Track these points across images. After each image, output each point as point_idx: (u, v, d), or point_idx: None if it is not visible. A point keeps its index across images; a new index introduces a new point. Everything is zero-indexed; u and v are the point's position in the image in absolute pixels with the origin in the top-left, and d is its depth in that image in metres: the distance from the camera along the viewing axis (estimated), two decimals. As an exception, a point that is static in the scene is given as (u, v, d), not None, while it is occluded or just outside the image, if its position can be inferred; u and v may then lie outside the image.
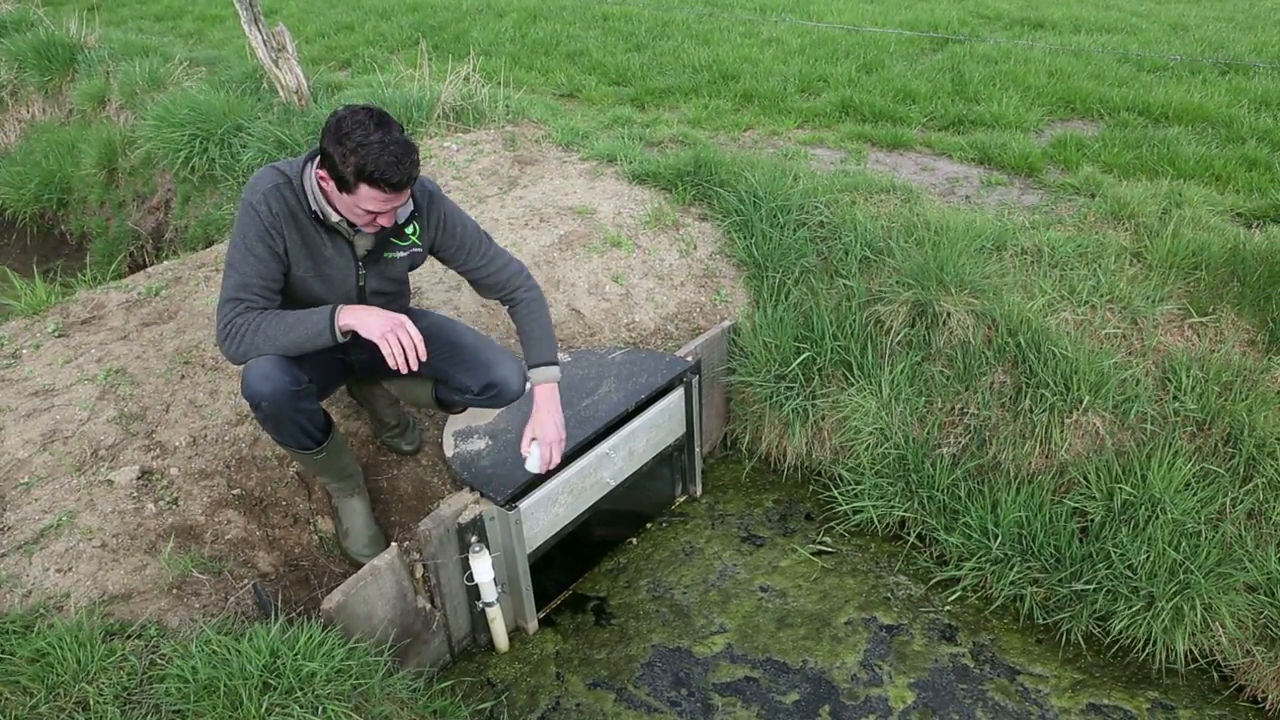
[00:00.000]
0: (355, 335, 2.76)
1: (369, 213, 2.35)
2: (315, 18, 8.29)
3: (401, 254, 2.65)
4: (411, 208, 2.58)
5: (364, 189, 2.28)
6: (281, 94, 5.50)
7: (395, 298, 2.81)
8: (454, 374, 2.80)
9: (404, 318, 2.40)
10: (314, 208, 2.43)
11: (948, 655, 3.07)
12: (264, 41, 5.37)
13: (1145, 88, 5.53)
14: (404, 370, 2.37)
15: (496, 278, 2.77)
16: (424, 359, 2.39)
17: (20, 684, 2.18)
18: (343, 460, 2.82)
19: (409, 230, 2.61)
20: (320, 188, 2.41)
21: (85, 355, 3.41)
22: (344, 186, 2.30)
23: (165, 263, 4.22)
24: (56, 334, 3.55)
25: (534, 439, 2.80)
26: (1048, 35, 6.92)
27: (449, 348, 2.81)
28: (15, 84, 7.15)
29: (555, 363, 2.81)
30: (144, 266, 5.49)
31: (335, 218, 2.44)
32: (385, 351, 2.35)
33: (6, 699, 2.17)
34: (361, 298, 2.67)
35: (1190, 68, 5.89)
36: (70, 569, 2.56)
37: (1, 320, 3.82)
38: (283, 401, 2.44)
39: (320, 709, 2.19)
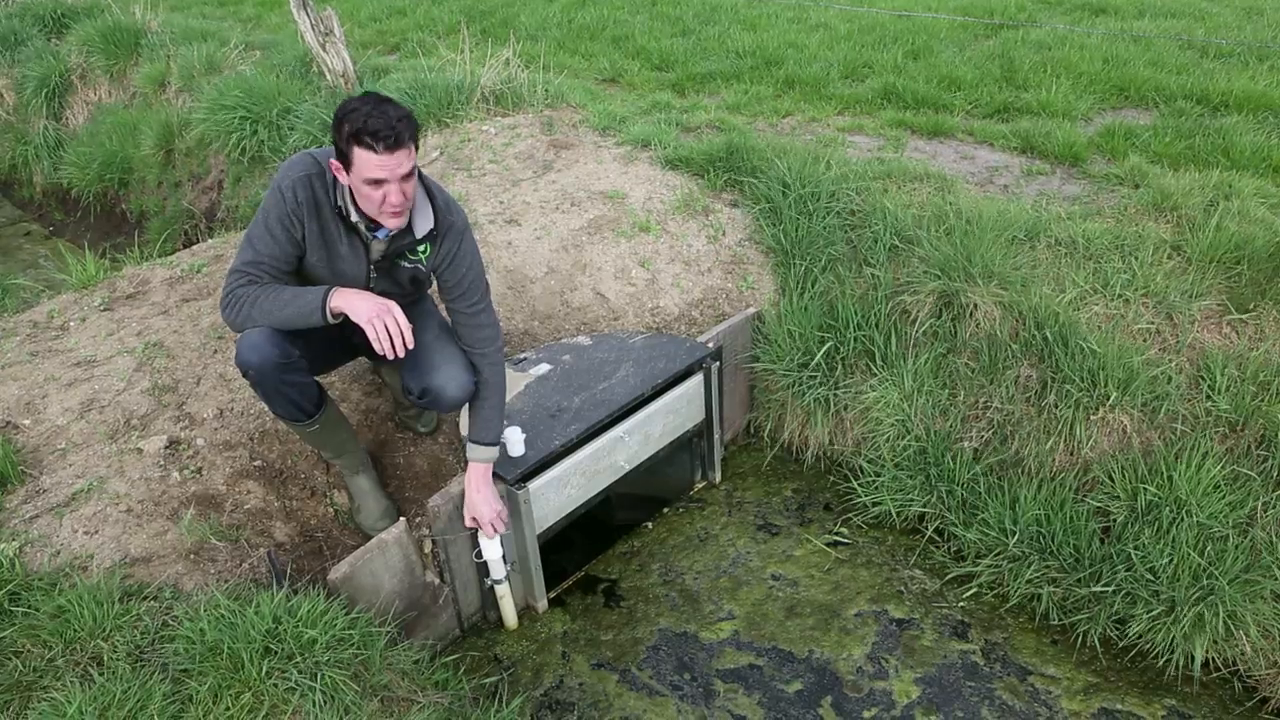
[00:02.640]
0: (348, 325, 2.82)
1: (375, 185, 2.33)
2: (369, 2, 8.43)
3: (407, 266, 2.66)
4: (432, 226, 2.57)
5: (358, 154, 2.29)
6: (329, 77, 5.62)
7: (406, 298, 2.81)
8: (403, 373, 2.80)
9: (393, 304, 2.40)
10: (340, 202, 2.48)
11: (958, 652, 3.02)
12: (312, 25, 5.49)
13: (1206, 75, 5.30)
14: (390, 356, 2.39)
15: (472, 334, 2.74)
16: (411, 346, 2.39)
17: (41, 638, 2.30)
18: (338, 436, 2.89)
19: (421, 249, 2.62)
20: (344, 186, 2.45)
21: (127, 329, 3.55)
22: (345, 162, 2.34)
23: (209, 241, 4.37)
24: (102, 308, 3.70)
25: (474, 518, 2.82)
26: (1109, 20, 6.67)
27: (418, 347, 2.74)
28: (84, 68, 7.42)
29: (495, 444, 2.79)
30: (196, 244, 5.67)
31: (355, 215, 2.48)
32: (370, 336, 2.36)
33: (28, 651, 2.29)
34: None
35: (1258, 54, 5.63)
36: (97, 531, 2.68)
37: (54, 294, 4.00)
38: (269, 373, 2.51)
39: (319, 675, 2.27)
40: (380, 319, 2.37)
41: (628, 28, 7.08)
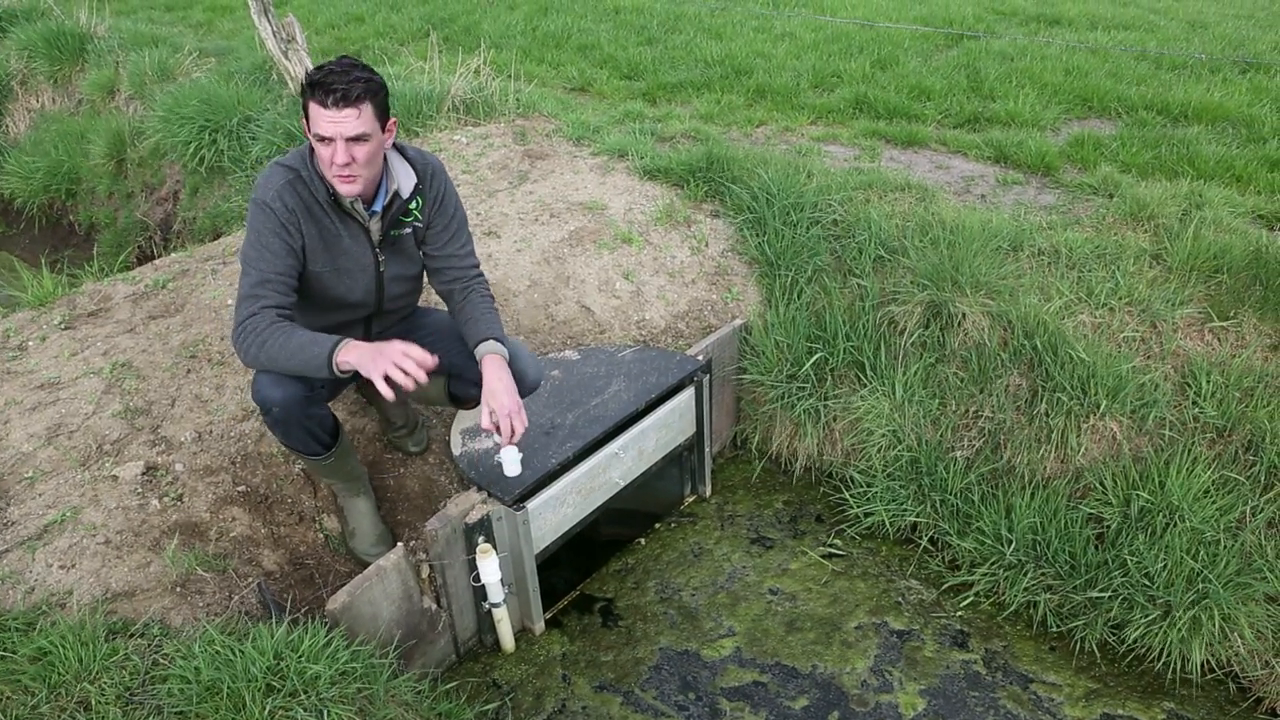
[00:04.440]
0: (366, 328, 2.75)
1: (322, 141, 2.29)
2: (325, 9, 8.26)
3: (407, 230, 2.63)
4: (415, 181, 2.55)
5: (310, 107, 2.27)
6: (291, 86, 5.47)
7: (413, 284, 2.79)
8: (469, 366, 2.69)
9: (395, 345, 2.27)
10: (330, 191, 2.42)
11: (959, 662, 3.03)
12: (274, 33, 5.33)
13: (1164, 86, 5.46)
14: (411, 388, 2.26)
15: (464, 267, 2.70)
16: (431, 369, 2.29)
17: (22, 683, 2.15)
18: (349, 463, 2.79)
19: (412, 206, 2.58)
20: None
21: (91, 348, 3.38)
22: (307, 119, 2.32)
23: (172, 255, 4.20)
24: (63, 326, 3.53)
25: (494, 421, 2.57)
26: (1064, 32, 6.84)
27: (462, 341, 2.74)
28: (25, 73, 7.14)
29: (504, 341, 2.66)
30: (152, 258, 5.46)
31: (348, 200, 2.42)
32: (395, 381, 2.23)
33: (8, 698, 2.14)
34: (380, 286, 2.64)
35: (1210, 66, 5.81)
36: (73, 566, 2.53)
37: (8, 312, 3.80)
38: (294, 408, 2.41)
39: (324, 712, 2.16)
40: (393, 367, 2.23)
41: (593, 36, 7.04)
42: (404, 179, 2.53)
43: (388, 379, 2.23)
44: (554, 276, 3.97)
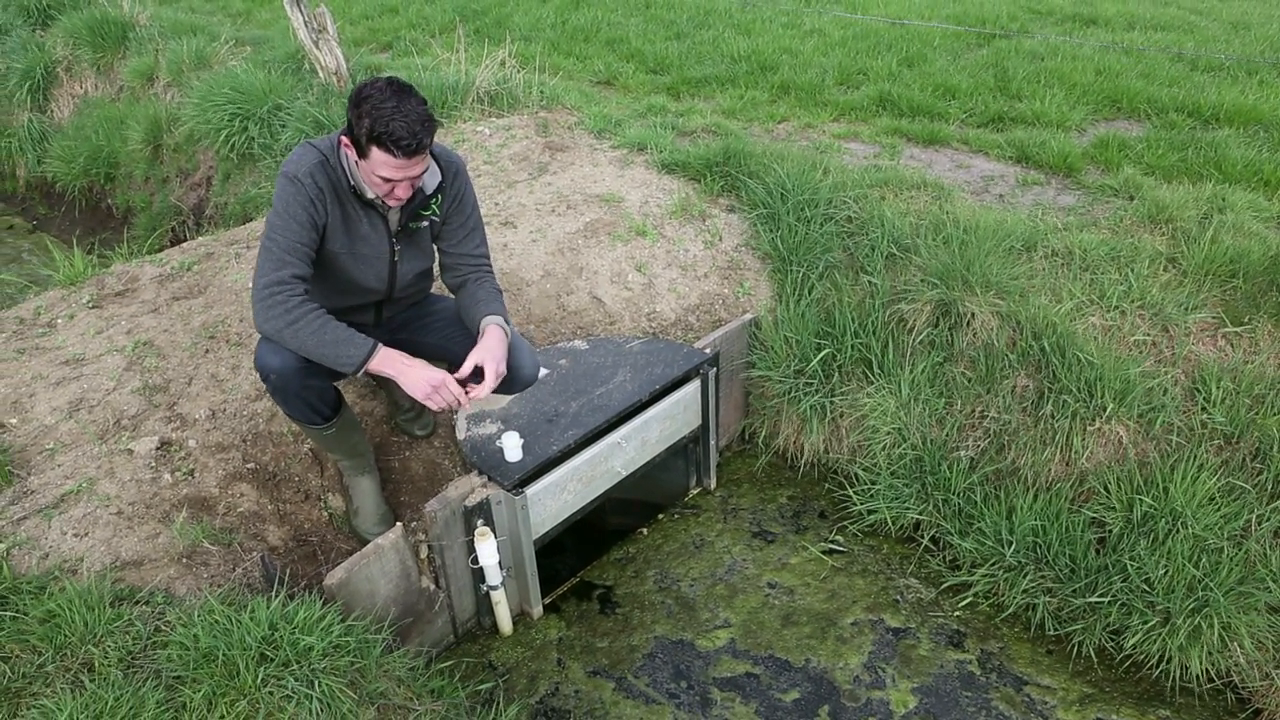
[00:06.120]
0: (377, 313, 2.81)
1: (386, 181, 2.37)
2: (360, 0, 8.38)
3: (424, 224, 2.69)
4: (440, 179, 2.61)
5: (376, 153, 2.31)
6: (321, 75, 5.57)
7: (425, 275, 2.85)
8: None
9: (444, 377, 2.46)
10: (353, 182, 2.47)
11: (954, 661, 3.02)
12: (305, 23, 5.43)
13: (1197, 88, 5.35)
14: (443, 409, 2.49)
15: (476, 266, 2.78)
16: (467, 408, 2.43)
17: (30, 643, 2.25)
18: (353, 438, 2.86)
19: (432, 201, 2.64)
20: (351, 159, 2.46)
21: (116, 327, 3.49)
22: (360, 151, 2.35)
23: (199, 239, 4.31)
24: (91, 305, 3.65)
25: (478, 363, 2.63)
26: (1099, 32, 6.73)
27: (465, 332, 2.81)
28: (70, 60, 7.33)
29: (508, 321, 2.73)
30: (185, 241, 5.60)
31: (371, 193, 2.48)
32: (431, 407, 2.47)
33: (17, 657, 2.24)
34: (393, 274, 2.70)
35: (1247, 68, 5.68)
36: (86, 534, 2.63)
37: (40, 290, 3.93)
38: (291, 376, 2.48)
39: (315, 682, 2.23)
40: (438, 394, 2.45)
41: (622, 30, 7.07)
42: (430, 177, 2.59)
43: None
44: (567, 267, 4.01)
